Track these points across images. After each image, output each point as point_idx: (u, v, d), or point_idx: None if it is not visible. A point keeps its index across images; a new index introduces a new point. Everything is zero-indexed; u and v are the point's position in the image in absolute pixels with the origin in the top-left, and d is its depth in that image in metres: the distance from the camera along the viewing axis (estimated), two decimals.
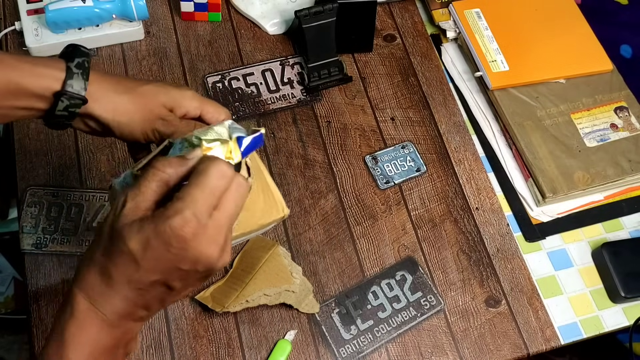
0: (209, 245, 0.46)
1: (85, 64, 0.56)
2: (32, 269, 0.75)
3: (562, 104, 0.91)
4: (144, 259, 0.46)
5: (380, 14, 0.99)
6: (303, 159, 0.86)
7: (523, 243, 0.84)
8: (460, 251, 0.82)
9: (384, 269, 0.80)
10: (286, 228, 0.81)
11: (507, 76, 0.92)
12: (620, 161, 0.87)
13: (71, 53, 0.57)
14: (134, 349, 0.53)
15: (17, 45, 0.88)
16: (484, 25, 0.96)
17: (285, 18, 0.95)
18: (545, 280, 0.82)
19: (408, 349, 0.75)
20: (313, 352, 0.74)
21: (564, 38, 0.96)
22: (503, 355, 0.76)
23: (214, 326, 0.74)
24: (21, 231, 0.76)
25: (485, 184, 0.87)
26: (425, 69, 0.96)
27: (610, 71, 0.95)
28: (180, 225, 0.45)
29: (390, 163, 0.87)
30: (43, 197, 0.78)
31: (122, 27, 0.89)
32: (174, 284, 0.48)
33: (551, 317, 0.79)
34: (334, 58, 0.91)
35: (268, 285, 0.74)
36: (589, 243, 0.85)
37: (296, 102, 0.91)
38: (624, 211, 0.88)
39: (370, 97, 0.92)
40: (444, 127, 0.91)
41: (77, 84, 0.55)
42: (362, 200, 0.84)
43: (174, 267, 0.47)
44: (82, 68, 0.56)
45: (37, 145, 0.82)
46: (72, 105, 0.56)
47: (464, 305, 0.79)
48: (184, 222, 0.45)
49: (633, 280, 0.80)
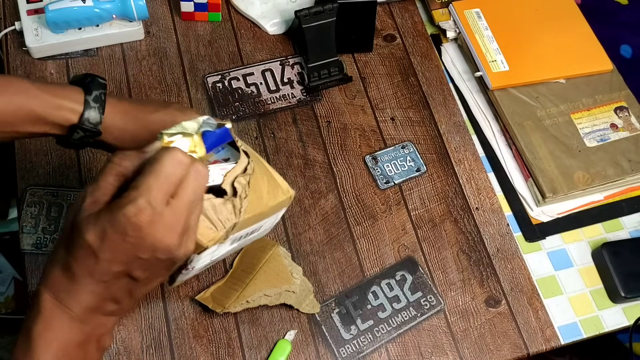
0: (166, 233, 0.46)
1: (102, 97, 0.59)
2: (32, 269, 0.75)
3: (562, 104, 0.91)
4: (102, 250, 0.46)
5: (380, 14, 0.99)
6: (303, 159, 0.86)
7: (523, 243, 0.84)
8: (460, 251, 0.82)
9: (384, 269, 0.80)
10: (286, 228, 0.81)
11: (507, 76, 0.92)
12: (620, 161, 0.87)
13: (89, 84, 0.59)
14: (108, 344, 0.53)
15: (17, 45, 0.88)
16: (484, 25, 0.96)
17: (285, 18, 0.95)
18: (545, 280, 0.82)
19: (408, 349, 0.75)
20: (313, 352, 0.74)
21: (564, 38, 0.96)
22: (503, 355, 0.76)
23: (214, 326, 0.74)
24: (21, 231, 0.76)
25: (485, 184, 0.87)
26: (425, 69, 0.96)
27: (610, 71, 0.95)
28: (134, 213, 0.45)
29: (390, 163, 0.87)
30: (43, 197, 0.78)
31: (122, 27, 0.89)
32: (137, 273, 0.48)
33: (551, 317, 0.79)
34: (334, 58, 0.91)
35: (268, 285, 0.74)
36: (589, 243, 0.85)
37: (296, 102, 0.91)
38: (624, 211, 0.88)
39: (370, 97, 0.92)
40: (444, 127, 0.91)
41: (93, 118, 0.58)
42: (362, 200, 0.84)
43: (133, 256, 0.47)
44: (99, 102, 0.59)
45: (37, 145, 0.82)
46: (87, 136, 0.59)
47: (464, 305, 0.79)
48: (138, 210, 0.45)
49: (633, 280, 0.80)
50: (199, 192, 0.48)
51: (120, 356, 0.71)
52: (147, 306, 0.74)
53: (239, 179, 0.53)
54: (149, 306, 0.74)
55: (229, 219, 0.52)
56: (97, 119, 0.59)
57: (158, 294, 0.75)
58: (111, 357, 0.71)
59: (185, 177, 0.47)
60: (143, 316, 0.74)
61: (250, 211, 0.54)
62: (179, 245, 0.47)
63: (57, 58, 0.89)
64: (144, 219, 0.45)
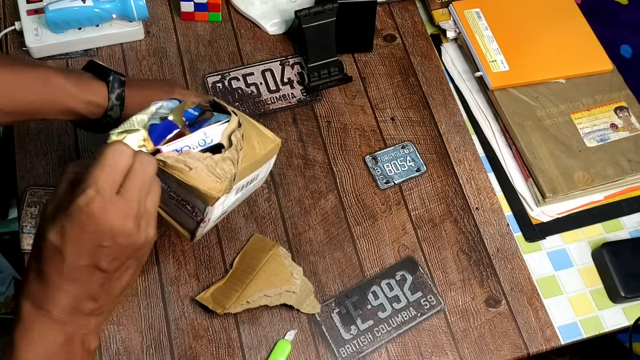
0: (121, 218, 0.49)
1: (122, 94, 0.66)
2: None
3: (562, 104, 0.91)
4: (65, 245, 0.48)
5: (380, 14, 0.99)
6: (303, 159, 0.86)
7: (523, 243, 0.84)
8: (460, 251, 0.82)
9: (384, 269, 0.80)
10: (286, 228, 0.81)
11: (507, 76, 0.92)
12: (620, 161, 0.87)
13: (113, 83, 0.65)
14: (95, 345, 0.54)
15: (17, 45, 0.88)
16: (484, 25, 0.96)
17: (285, 18, 0.95)
18: (545, 280, 0.82)
19: (408, 349, 0.75)
20: (313, 352, 0.74)
21: (564, 38, 0.96)
22: (503, 355, 0.76)
23: (214, 326, 0.74)
24: (21, 231, 0.76)
25: (485, 184, 0.87)
26: (425, 69, 0.96)
27: (610, 71, 0.95)
28: (85, 202, 0.48)
29: (390, 163, 0.87)
30: (43, 197, 0.78)
31: (122, 27, 0.89)
32: (104, 264, 0.50)
33: (551, 317, 0.79)
34: (334, 58, 0.91)
35: (269, 286, 0.74)
36: (589, 243, 0.85)
37: (296, 102, 0.91)
38: (624, 211, 0.88)
39: (370, 97, 0.92)
40: (444, 127, 0.91)
41: (114, 113, 0.66)
42: (362, 200, 0.84)
43: (95, 246, 0.49)
44: (120, 100, 0.66)
45: (37, 145, 0.82)
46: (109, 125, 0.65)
47: (464, 305, 0.79)
48: (88, 199, 0.48)
49: (633, 280, 0.80)
50: (147, 178, 0.51)
51: (120, 356, 0.71)
52: (147, 306, 0.74)
53: (235, 134, 0.59)
54: (149, 306, 0.74)
55: (229, 170, 0.58)
56: (118, 114, 0.66)
57: (158, 294, 0.75)
58: (111, 357, 0.71)
59: (131, 166, 0.50)
60: (143, 316, 0.74)
61: (246, 160, 0.60)
62: (137, 229, 0.50)
63: (57, 58, 0.89)
64: (95, 207, 0.48)
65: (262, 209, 0.82)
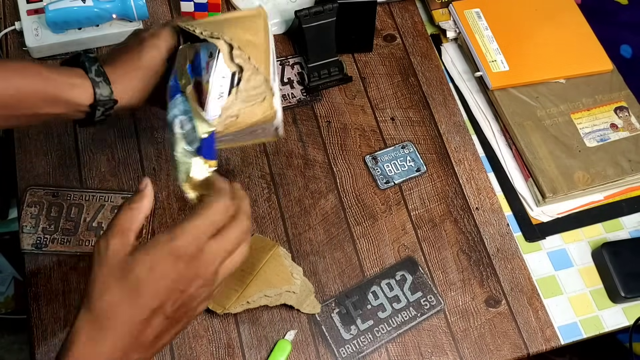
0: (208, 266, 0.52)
1: (100, 69, 0.62)
2: (32, 269, 0.75)
3: (562, 104, 0.91)
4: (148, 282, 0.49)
5: (380, 14, 0.99)
6: (303, 159, 0.86)
7: (523, 243, 0.84)
8: (460, 251, 0.82)
9: (384, 269, 0.80)
10: (286, 228, 0.81)
11: (507, 76, 0.92)
12: (620, 161, 0.87)
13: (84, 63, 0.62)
14: None
15: (17, 45, 0.88)
16: (484, 25, 0.96)
17: (285, 18, 0.95)
18: (545, 280, 0.82)
19: (408, 349, 0.75)
20: (313, 352, 0.74)
21: (564, 38, 0.96)
22: (503, 355, 0.76)
23: (214, 326, 0.74)
24: (21, 231, 0.76)
25: (485, 184, 0.87)
26: (425, 69, 0.96)
27: (610, 71, 0.95)
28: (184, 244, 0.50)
29: (390, 163, 0.87)
30: (43, 197, 0.78)
31: (122, 27, 0.89)
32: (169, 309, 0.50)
33: (551, 317, 0.79)
34: (334, 58, 0.91)
35: (269, 286, 0.74)
36: (589, 243, 0.85)
37: (296, 102, 0.91)
38: (624, 211, 0.88)
39: (370, 97, 0.92)
40: (444, 127, 0.91)
41: (104, 91, 0.62)
42: (362, 200, 0.84)
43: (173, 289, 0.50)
44: (101, 75, 0.62)
45: (37, 145, 0.82)
46: (107, 109, 0.63)
47: (464, 305, 0.79)
48: (187, 243, 0.50)
49: (633, 280, 0.80)
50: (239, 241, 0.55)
51: None
52: None
53: (233, 52, 0.58)
54: None
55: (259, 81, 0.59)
56: (108, 90, 0.62)
57: None
58: None
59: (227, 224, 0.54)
60: None
61: (259, 58, 0.60)
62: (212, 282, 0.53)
63: (57, 58, 0.89)
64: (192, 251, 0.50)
65: (262, 209, 0.82)
